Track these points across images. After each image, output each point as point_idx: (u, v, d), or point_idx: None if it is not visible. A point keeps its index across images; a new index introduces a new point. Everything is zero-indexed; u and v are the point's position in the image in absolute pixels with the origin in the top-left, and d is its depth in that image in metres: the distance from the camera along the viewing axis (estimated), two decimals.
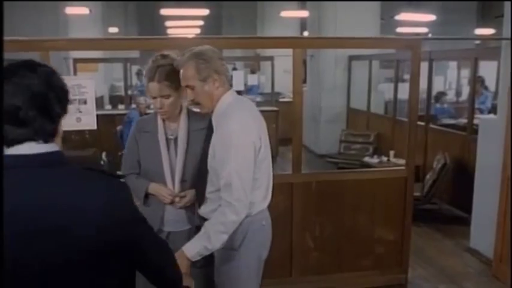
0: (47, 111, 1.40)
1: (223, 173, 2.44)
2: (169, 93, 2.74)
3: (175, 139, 2.87)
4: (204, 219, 2.65)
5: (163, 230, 2.91)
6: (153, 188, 2.87)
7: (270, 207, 2.70)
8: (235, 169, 2.42)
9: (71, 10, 10.88)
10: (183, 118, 2.88)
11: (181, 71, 2.55)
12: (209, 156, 2.58)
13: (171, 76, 2.71)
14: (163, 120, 2.87)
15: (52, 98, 1.41)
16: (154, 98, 2.77)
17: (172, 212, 2.91)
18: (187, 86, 2.55)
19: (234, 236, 2.51)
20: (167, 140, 2.87)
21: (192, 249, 2.45)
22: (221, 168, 2.46)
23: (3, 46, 1.44)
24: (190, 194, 2.86)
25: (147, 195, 2.89)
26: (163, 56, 2.78)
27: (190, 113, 2.92)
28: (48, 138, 1.43)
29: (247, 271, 2.66)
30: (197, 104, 2.59)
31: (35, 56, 3.65)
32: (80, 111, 3.62)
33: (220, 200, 2.48)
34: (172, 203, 2.85)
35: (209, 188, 2.64)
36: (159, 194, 2.85)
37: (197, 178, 2.87)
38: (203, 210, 2.69)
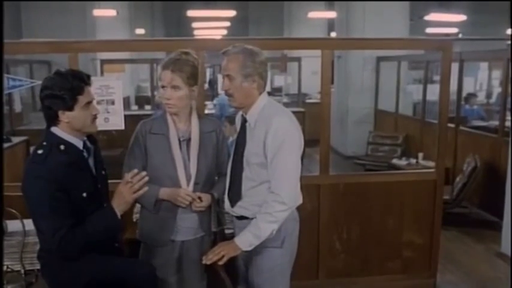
0: None
1: (274, 166, 2.54)
2: (179, 85, 2.69)
3: (188, 140, 2.80)
4: (239, 218, 2.72)
5: (175, 240, 2.81)
6: (166, 192, 2.73)
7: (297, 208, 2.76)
8: (288, 162, 2.54)
9: (99, 12, 11.02)
10: (195, 119, 2.84)
11: (225, 59, 2.62)
12: (250, 153, 2.63)
13: (187, 70, 2.70)
14: (174, 122, 2.80)
15: None
16: (164, 87, 2.71)
17: (186, 219, 2.80)
18: (227, 75, 2.61)
19: (278, 233, 2.58)
20: (179, 141, 2.79)
21: (242, 237, 2.53)
22: (271, 161, 2.55)
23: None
24: (207, 198, 2.78)
25: (155, 202, 2.75)
26: (186, 53, 2.76)
27: (199, 116, 2.89)
28: None
29: (289, 267, 2.77)
30: (229, 95, 2.65)
31: (64, 57, 3.71)
32: (108, 112, 3.66)
33: (259, 195, 2.59)
34: (189, 204, 2.74)
35: (247, 184, 2.66)
36: (175, 197, 2.72)
37: (209, 180, 2.86)
38: (241, 207, 2.70)
